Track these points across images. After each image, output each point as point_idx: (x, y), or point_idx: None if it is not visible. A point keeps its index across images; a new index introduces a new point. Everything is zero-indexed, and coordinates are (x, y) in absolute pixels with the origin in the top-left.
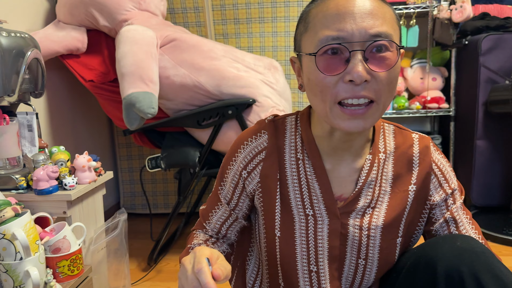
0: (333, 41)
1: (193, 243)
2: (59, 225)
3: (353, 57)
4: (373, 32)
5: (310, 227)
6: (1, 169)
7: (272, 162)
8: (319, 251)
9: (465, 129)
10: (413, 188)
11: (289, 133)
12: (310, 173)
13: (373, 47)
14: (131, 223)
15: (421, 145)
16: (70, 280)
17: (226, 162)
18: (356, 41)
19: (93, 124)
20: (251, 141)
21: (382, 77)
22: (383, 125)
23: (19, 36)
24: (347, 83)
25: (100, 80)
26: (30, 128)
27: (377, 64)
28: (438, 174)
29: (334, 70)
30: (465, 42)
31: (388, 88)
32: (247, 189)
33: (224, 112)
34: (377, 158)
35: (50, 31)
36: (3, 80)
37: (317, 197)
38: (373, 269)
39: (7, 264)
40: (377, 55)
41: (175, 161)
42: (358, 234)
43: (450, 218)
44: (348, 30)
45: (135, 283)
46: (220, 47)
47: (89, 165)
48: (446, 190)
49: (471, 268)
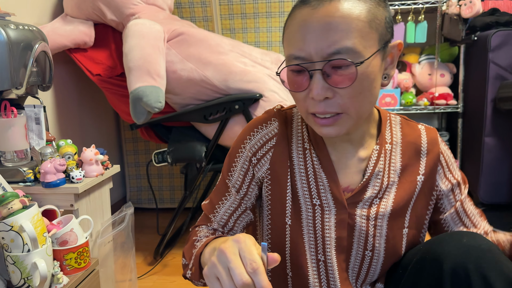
0: (294, 61)
1: (199, 236)
2: (66, 218)
3: (313, 76)
4: (331, 51)
5: (317, 217)
6: (9, 162)
7: (282, 149)
8: (327, 241)
9: (473, 126)
10: (421, 179)
11: (296, 123)
12: (317, 163)
13: (331, 65)
14: (137, 217)
15: (429, 136)
16: (77, 272)
17: (234, 150)
18: (315, 61)
19: (100, 118)
20: (261, 128)
21: (345, 92)
22: (389, 116)
23: (27, 29)
24: (312, 100)
25: (107, 74)
26: (37, 121)
27: (338, 80)
28: (444, 164)
29: (300, 87)
30: (474, 38)
31: (356, 99)
32: (256, 175)
33: (231, 107)
34: (384, 149)
35: (57, 25)
36: (11, 73)
37: (324, 188)
38: (379, 261)
39: (15, 255)
40: (338, 71)
41: (182, 156)
42: (365, 225)
43: (460, 209)
44: (306, 49)
45: (141, 277)
46: (227, 42)
47: (96, 158)
48: (452, 181)
49: (478, 266)
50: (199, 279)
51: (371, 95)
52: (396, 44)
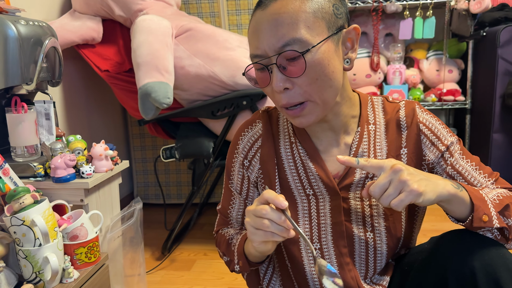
0: (254, 59)
1: (230, 235)
2: (76, 212)
3: (271, 70)
4: (280, 44)
5: (312, 206)
6: (20, 157)
7: (268, 148)
8: (322, 228)
9: (482, 122)
10: (405, 151)
11: (282, 120)
12: (303, 155)
13: (284, 57)
14: (144, 213)
15: (407, 109)
16: (87, 267)
17: (230, 156)
18: (270, 56)
19: (108, 114)
20: (247, 131)
21: (302, 80)
22: (371, 98)
23: (37, 24)
24: (278, 92)
25: (116, 70)
26: (47, 116)
27: (292, 70)
28: (428, 133)
29: (263, 83)
30: (483, 33)
31: (315, 86)
32: (251, 178)
33: (239, 103)
34: (366, 130)
35: (66, 20)
36: (22, 69)
37: (314, 177)
38: (383, 242)
39: (27, 250)
40: (291, 62)
41: (190, 152)
42: (360, 206)
43: (452, 171)
44: (261, 47)
45: (149, 271)
46: (235, 37)
47: (106, 153)
48: (440, 148)
49: (483, 264)
50: (249, 268)
51: (329, 80)
52: (352, 28)
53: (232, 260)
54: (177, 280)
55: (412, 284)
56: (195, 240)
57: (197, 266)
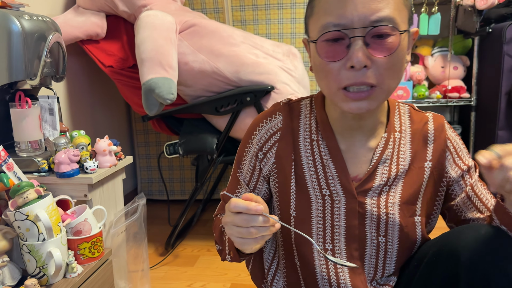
0: (333, 28)
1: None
2: (80, 208)
3: (353, 43)
4: (374, 18)
5: (327, 207)
6: (24, 152)
7: (286, 143)
8: (336, 230)
9: (487, 119)
10: (429, 165)
11: (304, 115)
12: (325, 153)
13: (373, 33)
14: (148, 208)
15: (436, 123)
16: (90, 262)
17: (243, 146)
18: (356, 27)
19: (111, 110)
20: (265, 123)
21: (383, 62)
22: (398, 105)
23: (41, 19)
24: (349, 70)
25: (119, 66)
26: (51, 111)
27: (378, 49)
28: (453, 151)
29: (336, 56)
30: (489, 30)
31: (390, 72)
32: (263, 171)
33: (243, 99)
34: (392, 136)
35: (69, 16)
36: (26, 64)
37: (333, 177)
38: (394, 247)
39: (30, 244)
40: (378, 40)
41: (193, 148)
42: (376, 212)
43: (471, 193)
44: (348, 16)
45: (153, 267)
46: (239, 33)
47: (109, 149)
48: (462, 167)
49: (496, 258)
50: (239, 259)
51: (400, 71)
52: (414, 31)
53: (223, 249)
54: (181, 276)
55: (421, 278)
56: (199, 236)
57: (201, 262)
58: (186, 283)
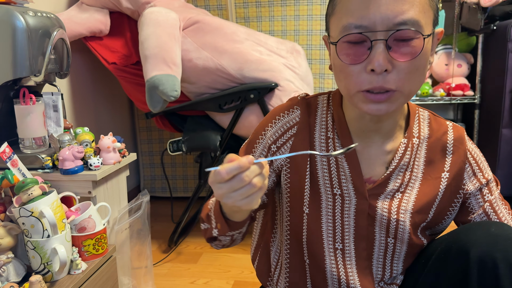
0: (355, 30)
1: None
2: (84, 204)
3: (375, 46)
4: (397, 21)
5: (337, 206)
6: (28, 149)
7: (303, 138)
8: (345, 229)
9: (491, 117)
10: (446, 176)
11: (321, 112)
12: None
13: (396, 36)
14: (151, 206)
15: (456, 134)
16: (95, 258)
17: (255, 136)
18: (379, 30)
19: (115, 107)
20: (283, 116)
21: (405, 66)
22: (418, 110)
23: (45, 16)
24: (369, 73)
25: (123, 63)
26: (55, 108)
27: (400, 53)
28: (473, 163)
29: (356, 59)
30: (493, 27)
31: (412, 76)
32: (274, 163)
33: (246, 96)
34: (411, 142)
35: (73, 13)
36: (30, 60)
37: (345, 177)
38: (402, 249)
39: (35, 241)
40: (401, 43)
41: (197, 145)
42: (386, 216)
43: (490, 209)
44: (370, 18)
45: (156, 264)
46: (243, 30)
47: (113, 146)
48: (481, 180)
49: (506, 255)
50: (228, 230)
51: (423, 75)
52: (439, 32)
53: (210, 225)
54: (184, 273)
55: (429, 275)
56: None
57: (204, 259)
58: (189, 280)
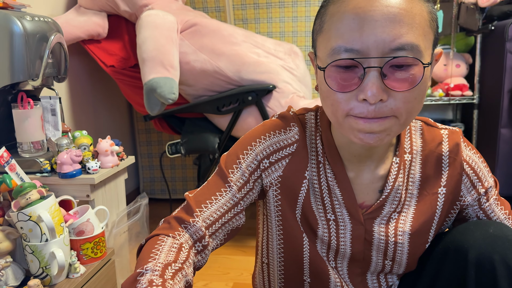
0: (345, 53)
1: (146, 267)
2: (83, 208)
3: (368, 74)
4: (394, 45)
5: (332, 232)
6: (26, 153)
7: (301, 158)
8: (340, 251)
9: (489, 117)
10: (443, 191)
11: (309, 132)
12: (331, 178)
13: (392, 63)
14: (150, 208)
15: (451, 143)
16: (93, 262)
17: (243, 145)
18: (372, 57)
19: (113, 109)
20: (279, 133)
21: (402, 96)
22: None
23: (43, 20)
24: (361, 102)
25: (121, 66)
26: (53, 112)
27: (397, 81)
28: (471, 173)
29: (346, 87)
30: (491, 27)
31: (410, 105)
32: (263, 180)
33: (244, 98)
34: (403, 160)
35: (71, 16)
36: (27, 65)
37: (339, 203)
38: (401, 268)
39: (33, 245)
40: (398, 71)
41: (195, 147)
42: (384, 240)
43: (482, 216)
44: (364, 41)
45: None
46: (240, 32)
47: (111, 149)
48: (479, 190)
49: (504, 256)
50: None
51: (421, 102)
52: (438, 53)
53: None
54: None
55: (427, 276)
56: None
57: None
58: None
